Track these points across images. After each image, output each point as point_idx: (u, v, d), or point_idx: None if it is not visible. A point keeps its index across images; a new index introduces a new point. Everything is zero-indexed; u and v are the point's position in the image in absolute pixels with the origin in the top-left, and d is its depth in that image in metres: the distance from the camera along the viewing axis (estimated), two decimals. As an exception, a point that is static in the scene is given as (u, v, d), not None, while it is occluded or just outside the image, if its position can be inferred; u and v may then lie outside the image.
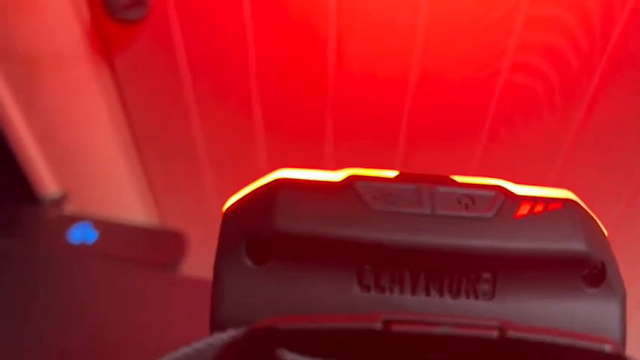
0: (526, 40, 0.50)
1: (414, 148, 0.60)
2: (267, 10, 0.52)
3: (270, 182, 0.17)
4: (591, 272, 0.17)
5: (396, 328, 0.14)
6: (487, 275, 0.17)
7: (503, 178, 0.18)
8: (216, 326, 0.16)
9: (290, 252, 0.16)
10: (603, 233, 0.18)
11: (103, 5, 0.53)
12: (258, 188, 0.17)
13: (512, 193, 0.17)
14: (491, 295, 0.17)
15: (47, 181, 0.67)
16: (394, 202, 0.17)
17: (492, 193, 0.17)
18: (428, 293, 0.17)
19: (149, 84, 0.61)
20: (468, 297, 0.17)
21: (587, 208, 0.18)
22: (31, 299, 0.55)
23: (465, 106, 0.56)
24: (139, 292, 0.56)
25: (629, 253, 0.65)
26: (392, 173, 0.18)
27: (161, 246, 0.61)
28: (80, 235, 0.61)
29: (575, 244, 0.17)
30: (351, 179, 0.17)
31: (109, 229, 0.62)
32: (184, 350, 0.15)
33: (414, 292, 0.17)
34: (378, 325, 0.14)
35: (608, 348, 0.15)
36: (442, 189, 0.17)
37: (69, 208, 0.68)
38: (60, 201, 0.67)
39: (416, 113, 0.57)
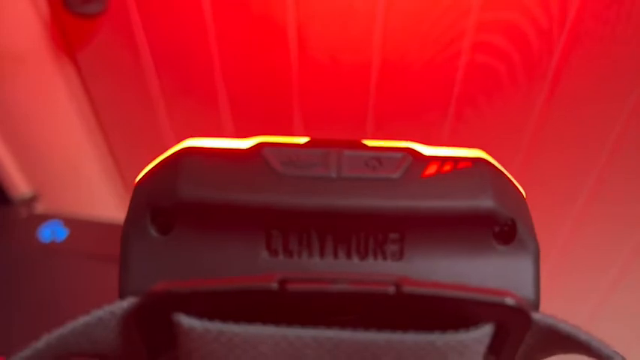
0: (485, 19, 0.50)
1: (381, 133, 0.60)
2: (227, 1, 0.52)
3: (176, 151, 0.17)
4: (502, 229, 0.17)
5: (292, 287, 0.14)
6: (395, 235, 0.16)
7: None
8: (122, 296, 0.16)
9: (195, 220, 0.16)
10: (518, 191, 0.18)
11: (61, 0, 0.53)
12: (164, 158, 0.17)
13: (421, 153, 0.17)
14: (399, 256, 0.17)
15: (17, 181, 0.66)
16: (301, 166, 0.17)
17: (400, 154, 0.17)
18: (336, 256, 0.17)
19: (114, 78, 0.60)
20: (376, 258, 0.17)
21: (500, 167, 0.18)
22: (0, 298, 0.54)
23: (429, 89, 0.56)
24: (109, 288, 0.55)
25: (600, 228, 0.66)
26: (303, 139, 0.18)
27: (131, 240, 0.60)
28: (50, 233, 0.60)
29: (484, 201, 0.16)
30: (259, 146, 0.17)
31: (79, 226, 0.61)
32: (85, 319, 0.15)
33: (322, 255, 0.16)
34: (274, 285, 0.14)
35: (509, 301, 0.15)
36: (350, 152, 0.17)
37: (40, 207, 0.68)
38: (31, 200, 0.66)
39: (381, 98, 0.57)
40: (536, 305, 0.17)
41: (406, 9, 0.50)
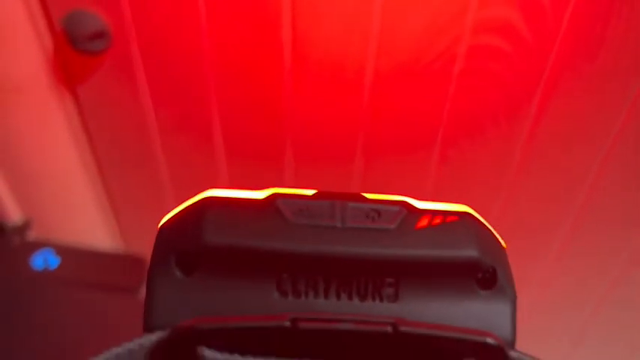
0: (469, 67, 0.53)
1: (371, 165, 0.62)
2: (227, 43, 0.54)
3: (199, 200, 0.19)
4: (484, 276, 0.19)
5: (303, 325, 0.16)
6: (390, 280, 0.19)
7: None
8: (148, 330, 0.18)
9: (217, 263, 0.18)
10: (498, 242, 0.20)
11: (65, 36, 0.55)
12: (188, 206, 0.19)
13: (415, 207, 0.20)
14: (394, 298, 0.19)
15: (10, 209, 0.67)
16: (310, 216, 0.19)
17: (397, 207, 0.19)
18: (339, 297, 0.19)
19: (112, 112, 0.62)
20: (374, 300, 0.19)
21: (483, 220, 0.20)
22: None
23: (416, 131, 0.59)
24: (101, 316, 0.56)
25: (587, 259, 0.69)
26: (310, 192, 0.20)
27: (122, 270, 0.62)
28: (42, 261, 0.61)
29: (468, 251, 0.19)
30: (273, 197, 0.19)
31: (71, 254, 0.63)
32: (116, 350, 0.17)
33: (326, 296, 0.19)
34: (287, 323, 0.16)
35: (489, 340, 0.17)
36: (352, 204, 0.19)
37: (32, 235, 0.69)
38: (23, 228, 0.67)
39: (372, 126, 0.59)
40: (512, 344, 0.19)
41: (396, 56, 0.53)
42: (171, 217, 0.20)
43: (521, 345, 0.20)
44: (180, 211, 0.19)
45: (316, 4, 0.50)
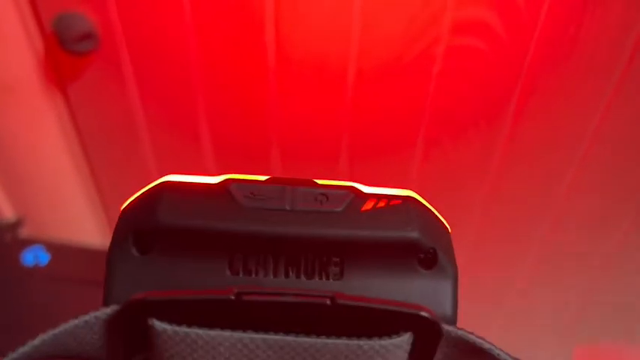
0: (449, 68, 0.55)
1: (356, 164, 0.63)
2: (212, 43, 0.56)
3: (157, 185, 0.20)
4: (426, 257, 0.20)
5: (247, 298, 0.17)
6: (336, 259, 0.20)
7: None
8: (105, 305, 0.19)
9: (171, 243, 0.20)
10: (441, 224, 0.22)
11: (55, 38, 0.57)
12: (147, 190, 0.21)
13: (361, 191, 0.21)
14: (339, 276, 0.20)
15: (2, 207, 0.69)
16: (261, 200, 0.20)
17: (344, 192, 0.21)
18: (287, 275, 0.20)
19: (101, 111, 0.63)
20: (321, 278, 0.20)
21: (426, 204, 0.21)
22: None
23: (396, 128, 0.60)
24: (89, 312, 0.57)
25: (555, 266, 0.70)
26: (264, 177, 0.21)
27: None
28: (33, 257, 0.62)
29: (409, 233, 0.20)
30: (227, 182, 0.20)
31: (62, 251, 0.64)
32: (74, 322, 0.18)
33: (275, 274, 0.20)
34: (232, 296, 0.17)
35: (423, 313, 0.18)
36: (302, 189, 0.20)
37: (24, 232, 0.70)
38: (15, 225, 0.69)
39: (356, 125, 0.61)
40: (453, 321, 0.20)
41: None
42: (132, 201, 0.21)
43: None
44: (139, 195, 0.21)
45: (298, 5, 0.52)
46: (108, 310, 0.18)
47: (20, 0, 0.56)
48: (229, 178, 0.21)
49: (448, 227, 0.22)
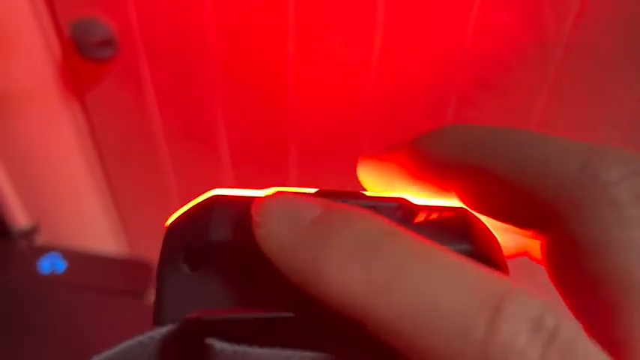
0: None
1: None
2: (233, 50, 0.56)
3: (206, 199, 0.20)
4: None
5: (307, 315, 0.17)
6: None
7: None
8: (157, 324, 0.19)
9: (223, 258, 0.19)
10: (492, 237, 0.21)
11: (74, 44, 0.56)
12: (195, 205, 0.20)
13: (412, 203, 0.20)
14: None
15: (18, 214, 0.68)
16: None
17: (395, 204, 0.20)
18: None
19: (119, 118, 0.63)
20: None
21: (478, 216, 0.21)
22: (0, 330, 0.56)
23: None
24: (107, 320, 0.57)
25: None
26: (313, 190, 0.21)
27: (129, 275, 0.63)
28: (50, 265, 0.62)
29: (462, 245, 0.20)
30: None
31: (78, 259, 0.63)
32: (128, 342, 0.18)
33: None
34: (291, 315, 0.17)
35: None
36: (352, 201, 0.20)
37: (40, 240, 0.70)
38: (31, 232, 0.68)
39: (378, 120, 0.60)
40: None
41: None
42: (180, 216, 0.20)
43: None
44: (187, 210, 0.20)
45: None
46: (162, 330, 0.18)
47: (38, 5, 0.56)
48: (278, 192, 0.20)
49: (499, 238, 0.22)
